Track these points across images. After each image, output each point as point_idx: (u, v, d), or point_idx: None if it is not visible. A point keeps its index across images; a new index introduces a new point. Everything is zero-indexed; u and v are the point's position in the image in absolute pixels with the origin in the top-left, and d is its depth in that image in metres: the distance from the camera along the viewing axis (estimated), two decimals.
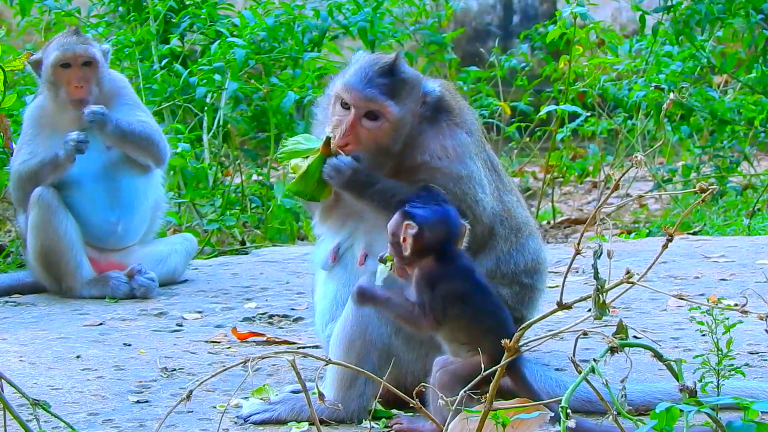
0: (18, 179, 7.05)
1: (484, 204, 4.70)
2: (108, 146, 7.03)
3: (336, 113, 4.72)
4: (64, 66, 6.99)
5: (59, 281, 7.00)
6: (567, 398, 3.64)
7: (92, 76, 7.01)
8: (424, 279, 4.21)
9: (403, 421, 4.42)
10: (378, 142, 4.68)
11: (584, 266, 6.98)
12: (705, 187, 3.53)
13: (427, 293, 4.19)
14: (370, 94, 4.66)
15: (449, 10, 12.25)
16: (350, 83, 4.68)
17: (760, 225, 9.17)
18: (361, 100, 4.66)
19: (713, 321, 4.39)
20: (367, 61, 4.74)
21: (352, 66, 4.78)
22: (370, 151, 4.67)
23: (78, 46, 7.02)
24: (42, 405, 4.00)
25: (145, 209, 7.17)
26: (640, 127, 11.22)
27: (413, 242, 4.18)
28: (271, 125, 9.73)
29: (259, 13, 9.93)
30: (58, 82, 6.99)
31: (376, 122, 4.67)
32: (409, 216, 4.20)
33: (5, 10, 12.10)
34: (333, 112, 4.74)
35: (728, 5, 10.40)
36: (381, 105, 4.66)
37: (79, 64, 7.00)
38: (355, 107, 4.67)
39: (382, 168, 4.70)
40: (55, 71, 6.98)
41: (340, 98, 4.70)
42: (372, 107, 4.66)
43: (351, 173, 4.62)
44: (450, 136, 4.74)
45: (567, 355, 3.81)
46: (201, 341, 5.83)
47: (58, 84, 6.99)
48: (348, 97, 4.68)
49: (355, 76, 4.70)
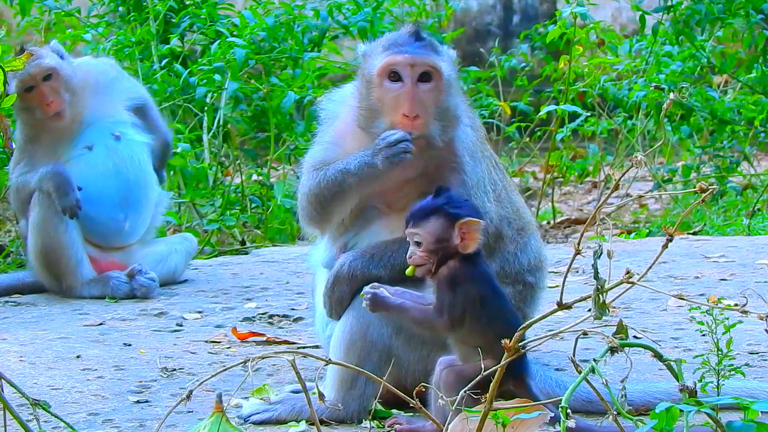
0: (16, 191, 7.05)
1: (491, 215, 4.70)
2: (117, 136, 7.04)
3: (386, 91, 4.63)
4: (28, 90, 6.92)
5: (59, 281, 7.00)
6: (567, 398, 3.64)
7: (59, 86, 6.94)
8: (449, 279, 4.22)
9: (403, 421, 4.42)
10: (437, 105, 4.64)
11: (584, 266, 6.98)
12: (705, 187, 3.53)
13: (449, 294, 4.20)
14: (422, 53, 4.61)
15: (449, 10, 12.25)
16: (399, 50, 4.62)
17: (760, 225, 9.17)
18: (416, 60, 4.60)
19: (713, 321, 4.39)
20: (394, 35, 4.73)
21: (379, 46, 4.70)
22: (433, 116, 4.62)
23: (32, 64, 6.85)
24: (42, 405, 4.00)
25: (150, 206, 7.18)
26: (640, 127, 11.23)
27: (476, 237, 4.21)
28: (271, 125, 9.72)
29: (259, 13, 9.93)
30: (30, 107, 6.92)
31: (431, 83, 4.63)
32: (458, 216, 4.21)
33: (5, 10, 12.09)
34: (382, 93, 4.64)
35: (728, 5, 10.39)
36: (433, 61, 4.62)
37: (41, 81, 6.93)
38: (412, 69, 4.60)
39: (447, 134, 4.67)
40: (22, 98, 6.85)
41: (389, 71, 4.61)
42: (427, 65, 4.61)
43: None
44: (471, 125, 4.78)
45: (567, 355, 3.81)
46: (201, 341, 5.83)
47: (30, 108, 6.92)
48: (402, 61, 4.59)
49: (397, 46, 4.64)
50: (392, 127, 4.60)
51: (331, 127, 4.85)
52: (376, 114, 4.64)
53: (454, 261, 4.23)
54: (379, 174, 4.60)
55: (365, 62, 4.74)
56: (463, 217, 4.21)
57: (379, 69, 4.63)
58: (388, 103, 4.63)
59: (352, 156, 4.66)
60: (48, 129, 6.98)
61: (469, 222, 4.21)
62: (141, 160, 7.10)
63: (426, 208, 4.26)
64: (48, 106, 6.89)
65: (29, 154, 7.00)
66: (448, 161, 4.69)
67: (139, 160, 7.09)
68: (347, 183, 4.64)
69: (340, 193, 4.67)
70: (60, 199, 6.82)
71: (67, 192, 6.82)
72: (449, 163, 4.69)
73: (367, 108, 4.68)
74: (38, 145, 7.00)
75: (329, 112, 4.89)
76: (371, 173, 4.61)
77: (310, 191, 4.74)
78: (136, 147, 7.10)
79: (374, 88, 4.65)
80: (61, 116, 6.91)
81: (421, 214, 4.25)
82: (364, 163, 4.61)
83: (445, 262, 4.23)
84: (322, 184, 4.69)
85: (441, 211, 4.24)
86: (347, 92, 4.89)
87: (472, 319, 4.20)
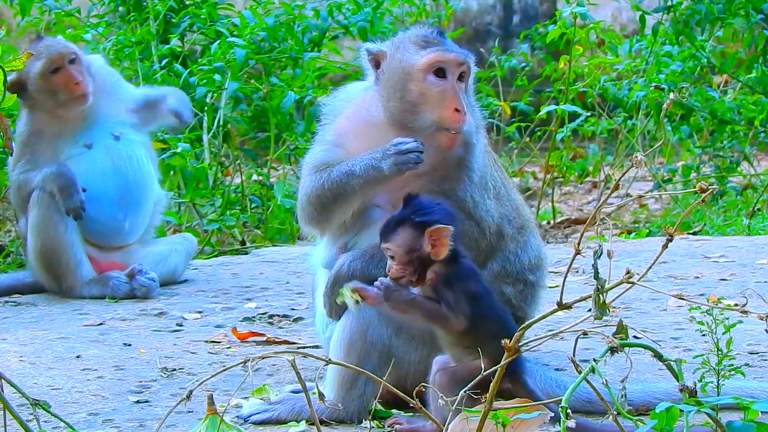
0: (17, 189, 7.04)
1: (492, 213, 4.71)
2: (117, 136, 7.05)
3: (430, 86, 4.65)
4: (54, 71, 6.95)
5: (59, 281, 6.99)
6: (567, 398, 3.64)
7: (83, 71, 7.00)
8: (441, 281, 4.21)
9: (403, 421, 4.42)
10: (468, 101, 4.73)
11: (584, 266, 6.98)
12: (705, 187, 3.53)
13: (450, 294, 4.19)
14: (464, 53, 4.70)
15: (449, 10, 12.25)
16: (448, 48, 4.69)
17: (760, 225, 9.17)
18: (463, 59, 4.67)
19: (713, 321, 4.39)
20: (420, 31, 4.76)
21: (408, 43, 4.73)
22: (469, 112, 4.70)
23: (59, 46, 6.99)
24: (42, 405, 4.00)
25: (149, 206, 7.18)
26: (640, 127, 11.23)
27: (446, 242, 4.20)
28: (271, 125, 9.72)
29: (259, 13, 9.93)
30: (54, 89, 6.95)
31: (465, 82, 4.71)
32: (426, 224, 4.20)
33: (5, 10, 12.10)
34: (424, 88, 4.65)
35: (728, 5, 10.40)
36: (471, 61, 4.72)
37: (67, 63, 6.98)
38: (459, 67, 4.66)
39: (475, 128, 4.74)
40: (46, 80, 6.92)
41: (436, 67, 4.65)
42: (468, 65, 4.70)
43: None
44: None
45: (567, 355, 3.81)
46: (201, 341, 5.83)
47: (54, 90, 6.95)
48: (452, 59, 4.65)
49: (434, 45, 4.69)
50: (439, 120, 4.63)
51: (332, 126, 4.85)
52: (418, 108, 4.66)
53: (438, 265, 4.22)
54: (384, 178, 4.61)
55: (394, 57, 4.74)
56: (431, 224, 4.20)
57: (423, 65, 4.66)
58: (432, 98, 4.66)
59: (358, 158, 4.65)
60: (57, 120, 6.98)
61: (439, 229, 4.20)
62: (140, 159, 7.10)
63: (393, 221, 4.25)
64: (76, 85, 6.93)
65: (31, 149, 7.00)
66: (458, 158, 4.70)
67: (139, 159, 7.09)
68: (351, 185, 4.64)
69: (342, 195, 4.67)
70: (64, 201, 6.82)
71: (72, 193, 6.82)
72: (459, 159, 4.70)
73: (407, 101, 4.68)
74: (41, 139, 7.00)
75: (331, 112, 4.89)
76: (377, 177, 4.61)
77: (311, 192, 4.73)
78: (135, 147, 7.11)
79: (414, 82, 4.67)
80: (86, 98, 6.95)
81: (389, 228, 4.25)
82: (371, 166, 4.61)
83: (424, 271, 4.22)
84: (326, 185, 4.69)
85: (407, 221, 4.22)
86: (352, 91, 4.89)
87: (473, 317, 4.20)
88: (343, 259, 4.65)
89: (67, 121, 7.00)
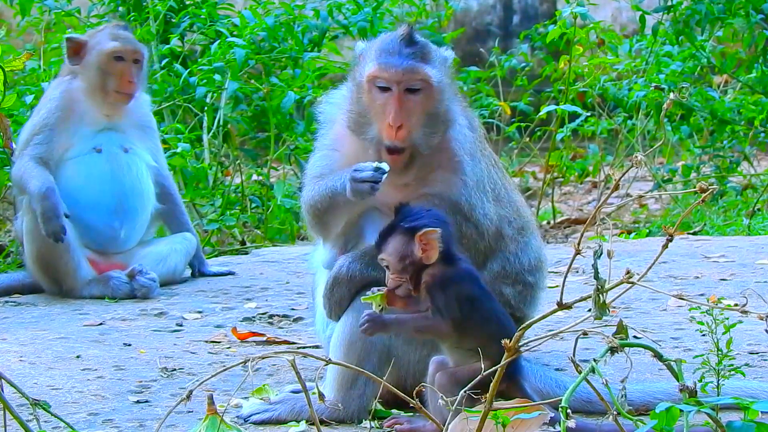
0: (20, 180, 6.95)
1: (491, 215, 4.70)
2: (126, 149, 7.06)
3: (374, 99, 4.62)
4: (118, 59, 6.99)
5: (59, 283, 6.98)
6: (567, 398, 3.64)
7: (140, 75, 7.05)
8: (435, 283, 4.22)
9: (403, 421, 4.42)
10: (426, 113, 4.63)
11: (584, 266, 6.97)
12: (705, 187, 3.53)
13: (441, 297, 4.20)
14: (410, 65, 4.59)
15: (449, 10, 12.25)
16: (385, 63, 4.60)
17: (760, 225, 9.17)
18: (402, 74, 4.58)
19: (713, 321, 4.39)
20: (387, 38, 4.69)
21: (371, 50, 4.69)
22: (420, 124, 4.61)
23: (136, 43, 7.10)
24: (42, 405, 4.00)
25: (147, 214, 7.18)
26: (640, 127, 11.23)
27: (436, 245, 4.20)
28: (271, 125, 9.72)
29: (259, 13, 9.93)
30: (109, 71, 6.98)
31: (419, 93, 4.61)
32: (414, 229, 4.22)
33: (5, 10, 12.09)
34: (370, 99, 4.63)
35: (728, 5, 10.40)
36: (422, 73, 4.60)
37: (131, 60, 7.01)
38: (397, 83, 4.59)
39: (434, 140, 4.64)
40: (108, 60, 6.97)
41: (376, 81, 4.61)
42: (413, 78, 4.60)
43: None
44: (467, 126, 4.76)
45: (567, 355, 3.81)
46: (201, 341, 5.83)
47: (108, 73, 6.98)
48: (387, 76, 4.59)
49: (385, 55, 4.62)
50: (379, 133, 4.60)
51: (329, 131, 4.86)
52: (366, 119, 4.65)
53: (433, 268, 4.24)
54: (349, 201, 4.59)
55: (358, 64, 4.75)
56: (420, 228, 4.22)
57: (367, 77, 4.64)
58: (376, 110, 4.64)
59: (337, 175, 4.64)
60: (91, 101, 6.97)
61: (427, 232, 4.21)
62: (140, 171, 7.10)
63: (384, 231, 4.30)
64: (129, 83, 6.99)
65: (50, 129, 6.93)
66: (447, 162, 4.69)
67: (138, 171, 7.09)
68: (335, 201, 4.66)
69: (331, 208, 4.70)
70: (44, 225, 6.77)
71: (51, 218, 6.76)
72: (448, 164, 4.69)
73: (357, 112, 4.69)
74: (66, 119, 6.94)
75: (326, 116, 4.91)
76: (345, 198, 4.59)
77: (307, 202, 4.78)
78: (139, 161, 7.13)
79: (364, 93, 4.66)
80: (128, 99, 7.01)
81: (382, 238, 4.29)
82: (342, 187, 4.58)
83: (420, 276, 4.23)
84: (316, 197, 4.72)
85: (397, 229, 4.26)
86: (342, 94, 4.89)
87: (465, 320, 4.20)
88: (342, 261, 4.66)
89: (99, 108, 6.99)
